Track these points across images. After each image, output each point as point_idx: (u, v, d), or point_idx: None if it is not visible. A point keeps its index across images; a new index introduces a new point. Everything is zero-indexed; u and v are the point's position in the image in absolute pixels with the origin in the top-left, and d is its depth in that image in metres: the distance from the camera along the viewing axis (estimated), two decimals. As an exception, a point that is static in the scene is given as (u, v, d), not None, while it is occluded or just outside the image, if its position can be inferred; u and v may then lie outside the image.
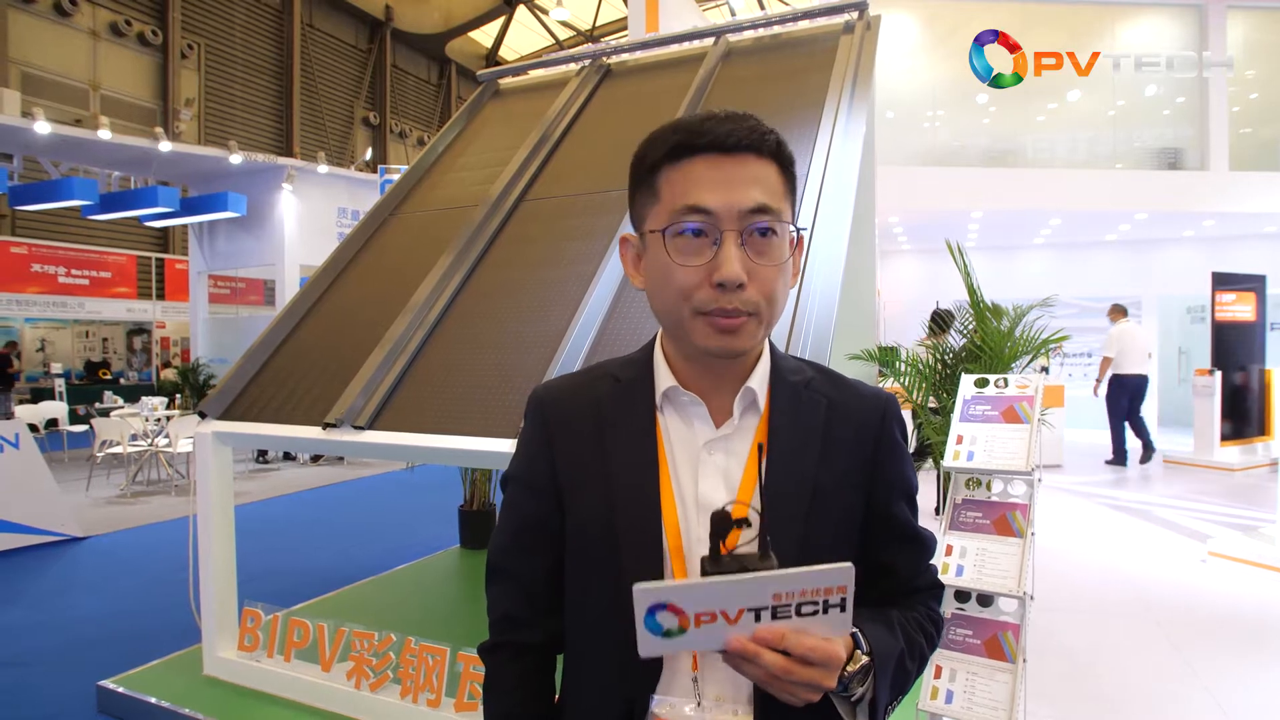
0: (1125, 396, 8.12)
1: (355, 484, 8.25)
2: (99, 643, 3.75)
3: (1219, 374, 8.17)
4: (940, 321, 5.03)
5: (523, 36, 23.01)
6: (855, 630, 0.78)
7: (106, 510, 6.79)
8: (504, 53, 23.59)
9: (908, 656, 0.86)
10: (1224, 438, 8.17)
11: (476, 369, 2.78)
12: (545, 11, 21.26)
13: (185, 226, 11.76)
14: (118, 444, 7.64)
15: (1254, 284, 8.75)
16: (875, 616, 0.86)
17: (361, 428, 2.69)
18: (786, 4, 16.74)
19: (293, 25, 18.31)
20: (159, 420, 8.51)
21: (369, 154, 18.69)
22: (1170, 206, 10.04)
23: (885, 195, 6.24)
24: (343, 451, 2.83)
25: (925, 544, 0.96)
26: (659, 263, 0.84)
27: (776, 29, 4.17)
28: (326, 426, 2.72)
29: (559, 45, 22.46)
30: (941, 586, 0.99)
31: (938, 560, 2.23)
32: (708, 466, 0.86)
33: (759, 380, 0.88)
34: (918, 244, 12.69)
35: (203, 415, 3.04)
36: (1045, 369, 8.02)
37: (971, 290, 3.91)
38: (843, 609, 0.69)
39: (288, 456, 9.66)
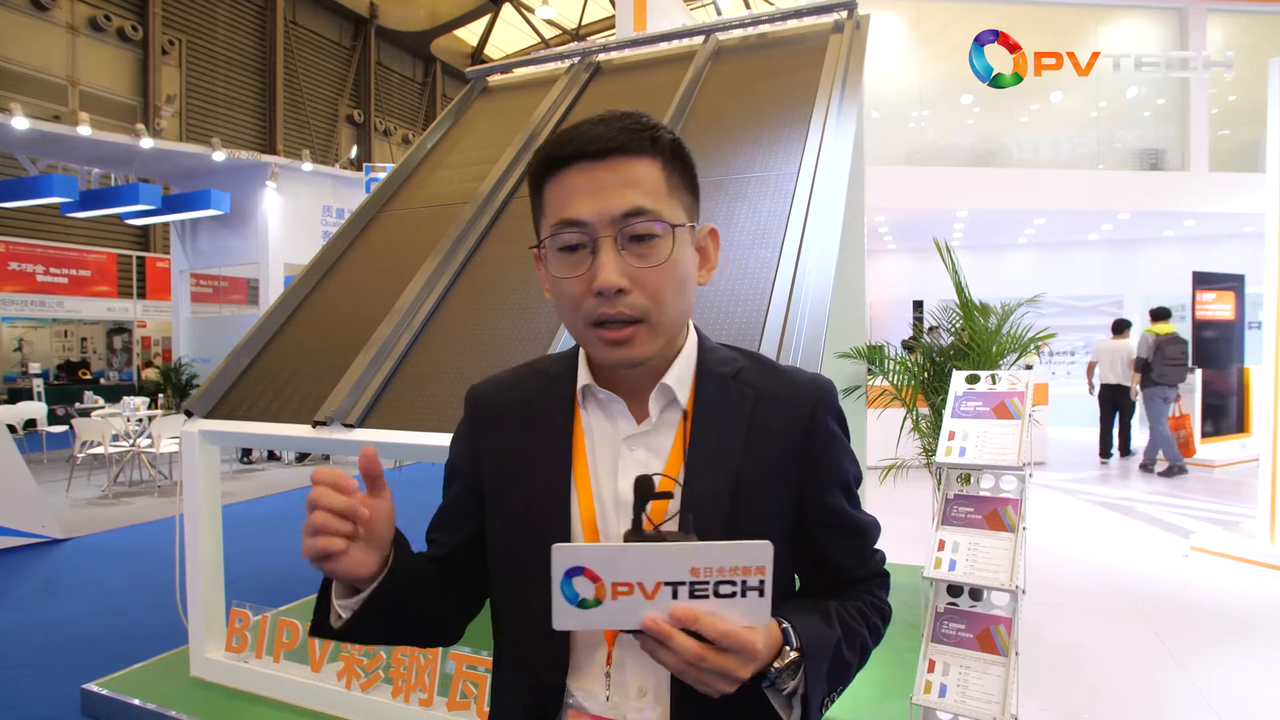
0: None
1: (341, 484, 8.17)
2: (83, 645, 3.70)
3: (1199, 372, 8.28)
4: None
5: (508, 35, 22.93)
6: (786, 626, 0.77)
7: (88, 511, 6.70)
8: (489, 51, 23.49)
9: (845, 647, 0.84)
10: (1204, 435, 8.29)
11: (467, 366, 2.76)
12: (531, 10, 21.19)
13: (167, 225, 11.63)
14: (99, 444, 7.54)
15: (1233, 283, 8.88)
16: (810, 607, 0.85)
17: (352, 426, 2.67)
18: (771, 3, 16.78)
19: (275, 22, 18.13)
20: (141, 420, 8.41)
21: (354, 152, 18.56)
22: (1151, 206, 10.18)
23: (871, 194, 6.28)
24: (333, 450, 2.80)
25: (866, 534, 0.94)
26: (549, 277, 0.85)
27: (766, 28, 4.18)
28: (316, 425, 2.69)
29: (545, 44, 22.40)
30: (886, 575, 0.97)
31: (930, 556, 2.25)
32: (628, 463, 0.85)
33: (677, 376, 0.87)
34: (903, 243, 12.78)
35: (189, 414, 3.01)
36: (1029, 366, 8.11)
37: (960, 289, 3.95)
38: (761, 593, 0.67)
39: (272, 456, 9.57)
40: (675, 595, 0.67)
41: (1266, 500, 4.76)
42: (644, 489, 0.74)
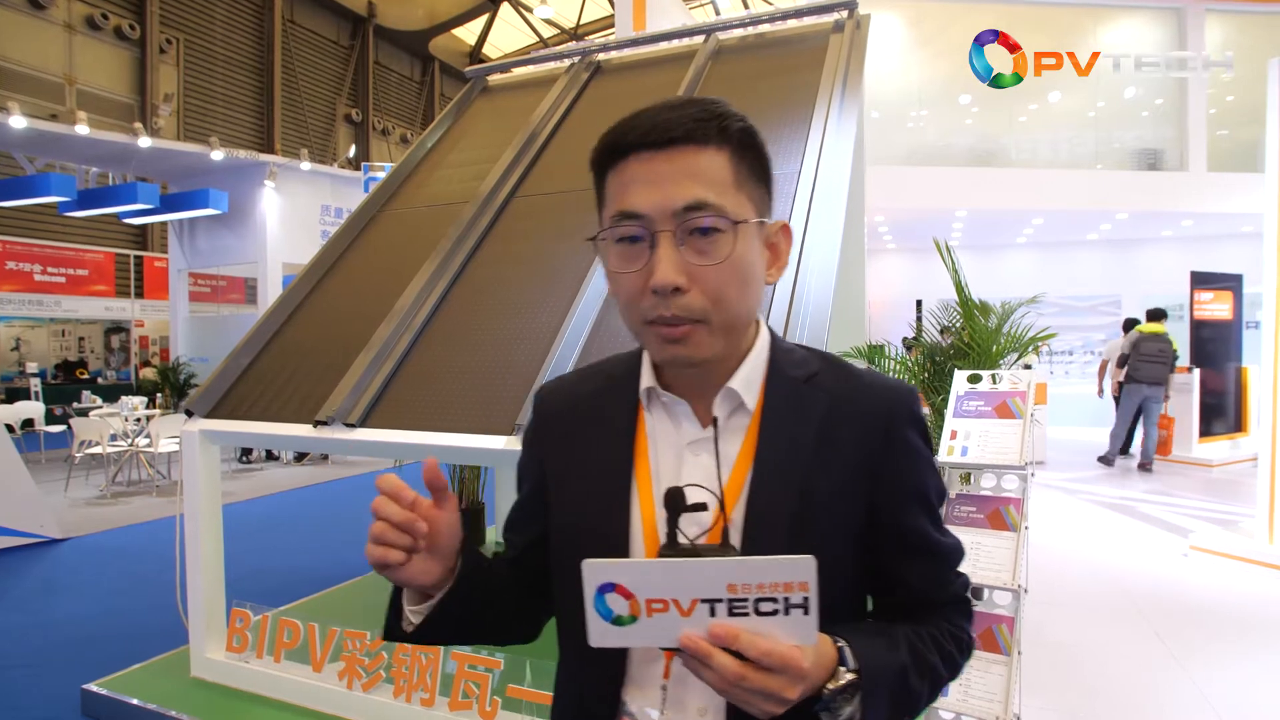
0: None
1: (341, 483, 8.18)
2: (83, 645, 3.70)
3: (1197, 371, 8.31)
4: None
5: (506, 34, 22.92)
6: (842, 645, 0.72)
7: (87, 511, 6.68)
8: (487, 50, 23.48)
9: (913, 674, 0.78)
10: (1202, 434, 8.31)
11: (469, 366, 2.76)
12: (529, 9, 21.18)
13: (165, 224, 11.61)
14: (97, 444, 7.52)
15: (1231, 283, 8.91)
16: (874, 630, 0.80)
17: (353, 425, 2.66)
18: (771, 3, 16.79)
19: (273, 21, 18.11)
20: (139, 420, 8.39)
21: (352, 151, 18.54)
22: (1150, 206, 10.20)
23: (870, 194, 6.30)
24: (335, 450, 2.80)
25: (946, 556, 0.88)
26: (607, 271, 0.82)
27: (766, 28, 4.18)
28: (318, 424, 2.69)
29: (543, 43, 22.39)
30: (968, 601, 0.91)
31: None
32: (692, 468, 0.82)
33: (744, 379, 0.83)
34: (902, 243, 12.80)
35: (189, 413, 3.00)
36: (1029, 366, 8.13)
37: (960, 288, 3.94)
38: (805, 611, 0.64)
39: (270, 456, 9.56)
40: (713, 613, 0.64)
41: (1265, 499, 4.77)
42: (675, 501, 0.70)
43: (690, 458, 0.83)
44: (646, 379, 0.87)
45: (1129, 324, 8.61)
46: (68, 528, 5.90)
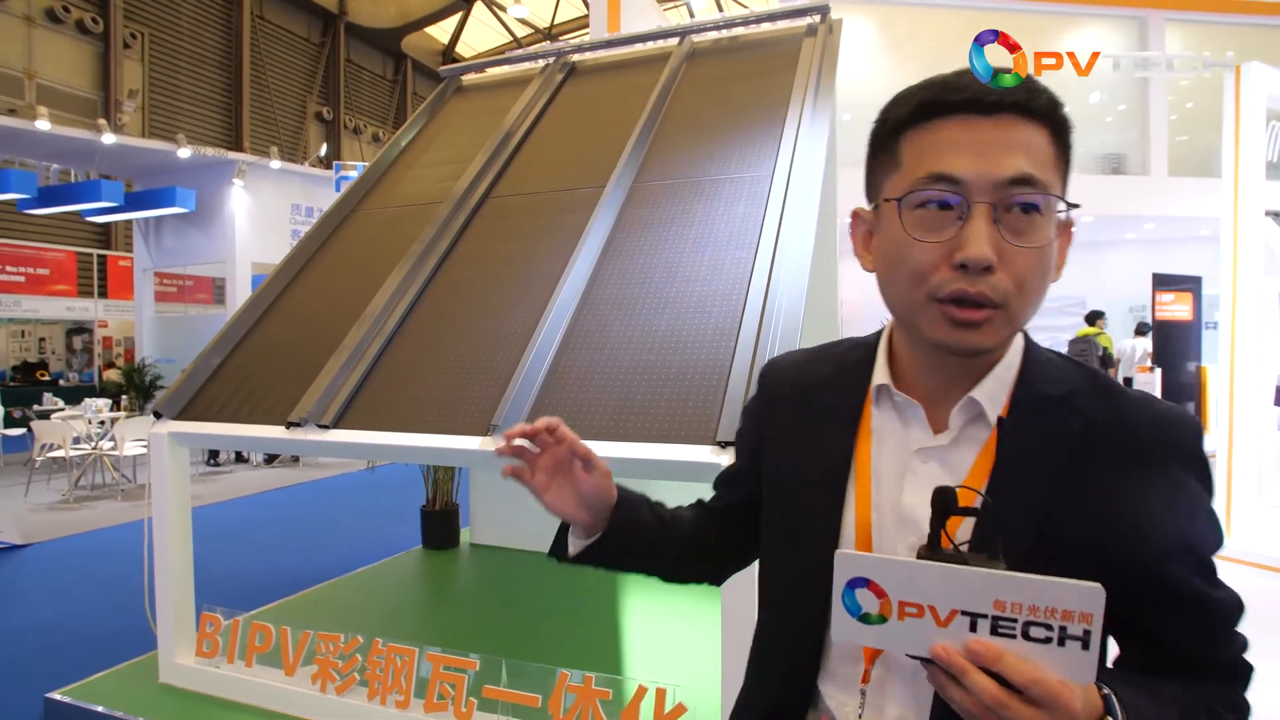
0: None
1: (312, 485, 8.07)
2: (46, 653, 3.61)
3: (1159, 371, 8.52)
4: None
5: (480, 33, 22.77)
6: (1108, 693, 0.61)
7: (48, 516, 6.53)
8: (461, 49, 23.32)
9: None
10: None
11: (443, 367, 2.75)
12: (503, 8, 21.07)
13: (129, 222, 11.37)
14: (59, 447, 7.35)
15: (1191, 285, 9.15)
16: (1138, 681, 0.67)
17: (326, 426, 2.64)
18: (743, 5, 16.89)
19: (242, 16, 17.82)
20: (103, 423, 8.21)
21: (323, 150, 18.29)
22: (1114, 209, 10.43)
23: (842, 196, 6.36)
24: (307, 451, 2.78)
25: (1220, 612, 0.73)
26: (892, 239, 0.73)
27: (740, 31, 4.21)
28: (290, 426, 2.66)
29: (517, 43, 22.30)
30: (1248, 668, 0.75)
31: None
32: (918, 476, 0.75)
33: (989, 390, 0.74)
34: (873, 244, 12.92)
35: (158, 415, 2.96)
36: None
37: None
38: (1085, 645, 0.56)
39: (239, 458, 9.40)
40: (974, 628, 0.58)
41: (1222, 495, 4.91)
42: (944, 502, 0.64)
43: (918, 465, 0.76)
44: (881, 375, 0.81)
45: (1142, 327, 9.54)
46: (29, 533, 5.76)
